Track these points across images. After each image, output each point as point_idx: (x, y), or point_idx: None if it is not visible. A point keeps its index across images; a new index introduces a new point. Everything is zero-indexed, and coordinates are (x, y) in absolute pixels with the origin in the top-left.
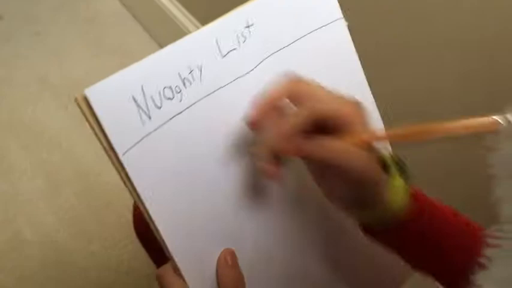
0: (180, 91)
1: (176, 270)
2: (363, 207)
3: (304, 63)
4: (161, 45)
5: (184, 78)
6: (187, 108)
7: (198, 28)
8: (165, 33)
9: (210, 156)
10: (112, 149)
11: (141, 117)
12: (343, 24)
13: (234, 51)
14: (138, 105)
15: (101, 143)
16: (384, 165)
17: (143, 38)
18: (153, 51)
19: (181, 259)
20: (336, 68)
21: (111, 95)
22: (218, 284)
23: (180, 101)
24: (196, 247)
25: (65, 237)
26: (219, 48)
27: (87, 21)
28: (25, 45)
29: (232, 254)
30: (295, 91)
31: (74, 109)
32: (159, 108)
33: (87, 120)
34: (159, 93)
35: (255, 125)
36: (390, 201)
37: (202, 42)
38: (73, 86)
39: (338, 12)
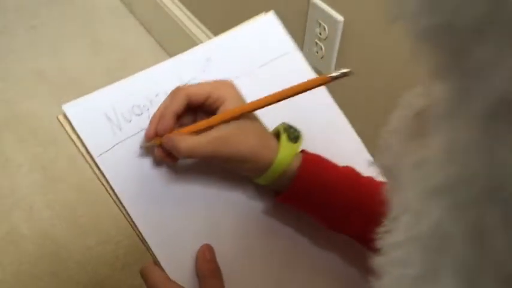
0: (148, 109)
1: (157, 262)
2: (255, 173)
3: (263, 89)
4: (157, 40)
5: (151, 100)
6: None
7: (191, 21)
8: (161, 27)
9: (180, 167)
10: (88, 153)
11: (112, 129)
12: (298, 55)
13: (194, 80)
14: (110, 120)
15: (79, 151)
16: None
17: (139, 32)
18: (149, 45)
19: (160, 252)
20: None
21: (86, 110)
22: (197, 275)
23: (148, 117)
24: (174, 241)
25: (61, 232)
26: (180, 78)
27: (84, 15)
28: (21, 38)
29: (210, 249)
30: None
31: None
32: (129, 122)
33: (66, 132)
34: (129, 110)
35: (149, 138)
36: (278, 163)
37: (168, 72)
38: (69, 80)
39: (291, 45)
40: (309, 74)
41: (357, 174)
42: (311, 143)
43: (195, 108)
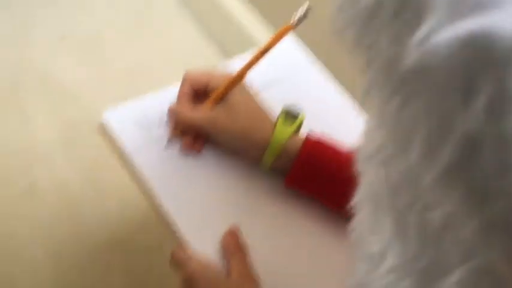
0: None
1: (183, 243)
2: (252, 156)
3: (288, 96)
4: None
5: None
6: None
7: None
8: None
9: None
10: (125, 153)
11: (146, 132)
12: (316, 70)
13: None
14: (144, 124)
15: (117, 152)
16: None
17: None
18: (179, 14)
19: (187, 232)
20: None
21: (124, 116)
22: (224, 253)
23: None
24: (200, 222)
25: (80, 190)
26: None
27: None
28: None
29: (237, 228)
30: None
31: (92, 60)
32: (161, 127)
33: (107, 135)
34: (160, 117)
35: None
36: (272, 144)
37: None
38: (94, 41)
39: (307, 58)
40: (329, 86)
41: None
42: (320, 128)
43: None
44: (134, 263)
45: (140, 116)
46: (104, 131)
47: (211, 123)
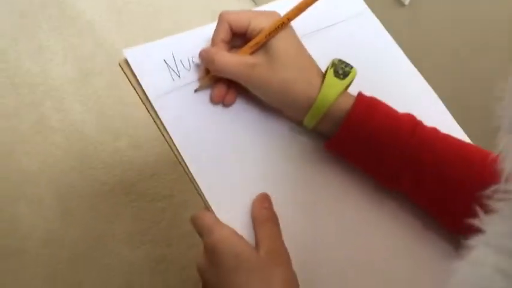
0: None
1: (208, 208)
2: (296, 111)
3: (335, 47)
4: None
5: None
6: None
7: None
8: None
9: (236, 114)
10: (147, 97)
11: (171, 75)
12: (370, 15)
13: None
14: (169, 66)
15: (138, 95)
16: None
17: None
18: None
19: (212, 196)
20: (375, 53)
21: (147, 56)
22: (253, 221)
23: None
24: (227, 186)
25: (91, 129)
26: None
27: None
28: None
29: (268, 197)
30: (230, 21)
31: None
32: (188, 70)
33: (127, 77)
34: (188, 59)
35: (202, 86)
36: (320, 99)
37: None
38: None
39: (361, 5)
40: (383, 33)
41: (417, 123)
42: (372, 87)
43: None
44: (143, 209)
45: (166, 58)
46: (123, 70)
47: (249, 72)
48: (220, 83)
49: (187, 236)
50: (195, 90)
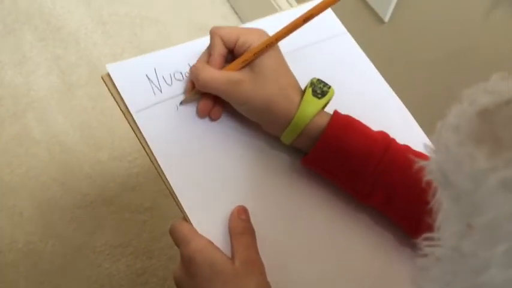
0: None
1: (186, 219)
2: (275, 127)
3: (313, 66)
4: None
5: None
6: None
7: None
8: None
9: (217, 129)
10: (129, 111)
11: (153, 90)
12: (348, 38)
13: None
14: (151, 81)
15: (120, 109)
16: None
17: None
18: None
19: (190, 208)
20: (352, 73)
21: (129, 71)
22: (230, 233)
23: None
24: (205, 198)
25: (73, 141)
26: None
27: None
28: None
29: (245, 210)
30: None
31: (96, 6)
32: (170, 85)
33: (109, 91)
34: (170, 75)
35: (190, 88)
36: (297, 117)
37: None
38: None
39: (340, 28)
40: (360, 56)
41: (390, 141)
42: (348, 106)
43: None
44: (125, 220)
45: (148, 73)
46: (106, 84)
47: (233, 88)
48: (206, 97)
49: (169, 248)
50: (180, 103)
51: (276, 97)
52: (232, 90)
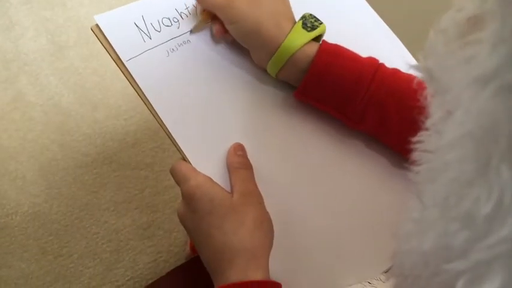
0: (178, 21)
1: (185, 159)
2: (264, 53)
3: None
4: None
5: (181, 12)
6: (184, 33)
7: None
8: None
9: (208, 71)
10: (120, 60)
11: (142, 37)
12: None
13: None
14: (139, 29)
15: (112, 58)
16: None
17: None
18: None
19: (187, 147)
20: (338, 1)
21: (117, 21)
22: (228, 168)
23: (178, 28)
24: (202, 137)
25: (69, 102)
26: None
27: None
28: None
29: (241, 146)
30: None
31: None
32: (159, 32)
33: (100, 41)
34: (158, 21)
35: (199, 27)
36: (284, 45)
37: None
38: None
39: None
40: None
41: (379, 65)
42: (337, 35)
43: None
44: (127, 177)
45: (136, 21)
46: (96, 35)
47: (230, 3)
48: (215, 22)
49: (172, 202)
50: (191, 32)
51: (267, 22)
52: (227, 6)
